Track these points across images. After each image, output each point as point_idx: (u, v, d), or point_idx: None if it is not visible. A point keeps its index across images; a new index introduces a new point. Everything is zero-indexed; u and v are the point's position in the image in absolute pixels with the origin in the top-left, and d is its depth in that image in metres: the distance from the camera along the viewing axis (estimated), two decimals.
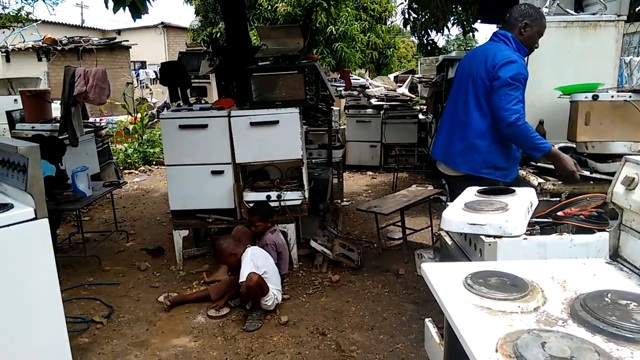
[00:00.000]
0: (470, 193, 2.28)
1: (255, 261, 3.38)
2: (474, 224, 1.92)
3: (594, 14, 3.47)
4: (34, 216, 2.51)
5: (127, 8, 3.24)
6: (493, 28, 3.04)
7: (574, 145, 3.24)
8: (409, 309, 3.39)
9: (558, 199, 2.51)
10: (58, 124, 5.56)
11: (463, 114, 2.95)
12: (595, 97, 2.96)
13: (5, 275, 2.44)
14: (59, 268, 4.21)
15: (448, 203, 2.40)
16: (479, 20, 5.53)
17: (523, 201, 2.11)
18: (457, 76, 3.13)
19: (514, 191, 2.24)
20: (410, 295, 3.59)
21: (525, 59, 3.20)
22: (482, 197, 2.19)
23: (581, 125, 3.00)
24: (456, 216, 2.00)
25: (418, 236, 4.76)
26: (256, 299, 3.29)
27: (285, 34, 4.39)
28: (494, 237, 1.91)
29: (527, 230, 1.98)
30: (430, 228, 4.68)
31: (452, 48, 22.18)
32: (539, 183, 2.80)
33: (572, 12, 3.55)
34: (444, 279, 1.49)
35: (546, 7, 3.46)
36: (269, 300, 3.33)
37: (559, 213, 2.22)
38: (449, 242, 2.32)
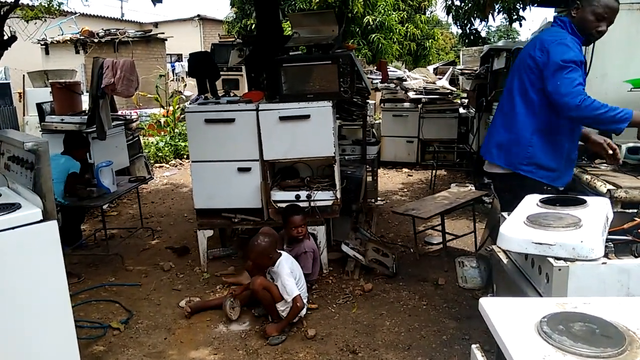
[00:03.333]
0: (531, 203, 1.94)
1: (295, 271, 3.17)
2: (541, 244, 1.59)
3: None
4: (41, 218, 2.31)
5: None
6: (548, 13, 2.69)
7: None
8: (450, 326, 3.05)
9: (635, 210, 2.13)
10: (86, 117, 5.44)
11: (507, 106, 2.71)
12: None
13: (11, 281, 2.24)
14: (82, 266, 4.13)
15: (501, 213, 2.06)
16: (535, 5, 5.07)
17: (598, 215, 1.76)
18: (510, 69, 2.85)
19: (584, 202, 1.89)
20: (452, 310, 3.24)
21: (591, 47, 2.83)
22: (547, 209, 1.84)
23: None
24: (517, 233, 1.66)
25: (459, 242, 4.39)
26: (270, 306, 3.06)
27: (318, 20, 4.08)
28: (565, 260, 1.57)
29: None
30: (473, 233, 4.30)
31: (492, 40, 21.33)
32: (609, 190, 2.42)
33: None
34: (510, 321, 1.17)
35: None
36: (284, 311, 3.06)
37: None
38: (505, 260, 1.97)
